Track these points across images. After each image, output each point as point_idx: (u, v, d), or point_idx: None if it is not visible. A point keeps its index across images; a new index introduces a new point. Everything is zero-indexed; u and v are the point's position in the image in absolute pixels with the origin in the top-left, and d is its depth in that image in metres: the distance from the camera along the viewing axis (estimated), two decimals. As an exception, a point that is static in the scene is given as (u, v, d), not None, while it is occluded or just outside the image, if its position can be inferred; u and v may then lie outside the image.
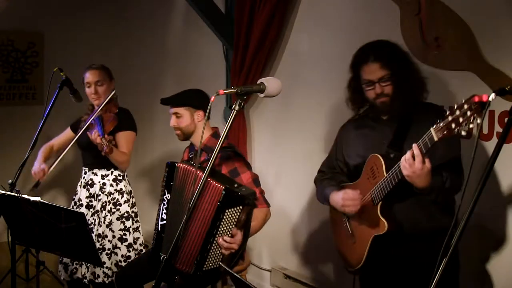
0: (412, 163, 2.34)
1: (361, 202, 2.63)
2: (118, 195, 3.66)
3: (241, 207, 2.74)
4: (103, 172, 3.67)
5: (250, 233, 2.98)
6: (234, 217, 2.74)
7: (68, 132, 3.87)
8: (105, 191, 3.64)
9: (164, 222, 3.00)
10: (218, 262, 2.82)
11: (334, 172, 2.95)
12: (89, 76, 3.64)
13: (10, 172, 3.29)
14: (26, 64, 5.22)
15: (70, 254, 3.18)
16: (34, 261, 3.21)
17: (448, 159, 2.54)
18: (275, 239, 4.30)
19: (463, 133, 2.08)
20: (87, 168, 3.72)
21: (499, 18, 2.97)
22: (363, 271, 2.79)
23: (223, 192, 2.68)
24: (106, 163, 3.60)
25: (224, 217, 2.73)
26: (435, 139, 2.24)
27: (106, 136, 3.39)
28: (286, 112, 4.25)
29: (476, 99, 1.96)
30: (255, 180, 3.07)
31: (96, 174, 3.68)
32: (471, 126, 2.02)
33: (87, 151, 3.66)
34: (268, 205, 3.08)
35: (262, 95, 2.16)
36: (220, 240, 2.72)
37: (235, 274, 2.07)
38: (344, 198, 2.68)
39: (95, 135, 3.38)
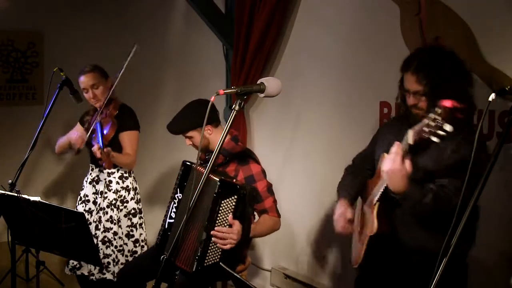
0: (391, 160, 2.30)
1: (351, 230, 2.63)
2: (125, 192, 3.68)
3: (236, 197, 2.81)
4: (110, 169, 3.67)
5: (255, 234, 3.01)
6: (230, 207, 2.81)
7: (78, 127, 3.86)
8: (112, 189, 3.66)
9: (172, 220, 3.04)
10: (218, 256, 2.84)
11: (364, 167, 2.84)
12: (84, 81, 3.61)
13: (10, 172, 3.29)
14: (26, 64, 5.21)
15: (70, 254, 3.19)
16: (34, 261, 3.20)
17: (447, 174, 2.39)
18: (275, 239, 4.30)
19: (435, 139, 2.06)
20: (94, 165, 3.73)
21: (499, 18, 2.97)
22: (361, 272, 2.78)
23: (218, 183, 2.75)
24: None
25: (221, 208, 2.80)
26: (410, 142, 2.21)
27: (105, 149, 3.40)
28: (286, 112, 4.25)
29: (444, 103, 1.98)
30: (270, 188, 3.11)
31: (102, 172, 3.69)
32: (441, 132, 2.02)
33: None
34: (279, 215, 3.11)
35: (262, 95, 2.16)
36: (217, 230, 2.79)
37: (235, 274, 2.07)
38: (336, 216, 2.69)
39: (95, 150, 3.41)
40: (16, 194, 2.84)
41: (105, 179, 3.67)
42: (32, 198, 2.81)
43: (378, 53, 3.58)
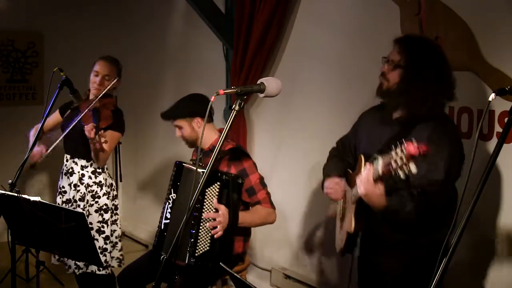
0: (364, 184, 2.34)
1: (341, 192, 2.71)
2: (97, 187, 3.65)
3: (219, 183, 2.88)
4: (83, 162, 3.66)
5: (247, 222, 3.03)
6: (214, 194, 2.88)
7: (56, 115, 3.83)
8: (84, 183, 3.64)
9: (168, 221, 3.05)
10: (208, 243, 2.89)
11: (345, 152, 2.94)
12: (100, 67, 3.64)
13: (10, 172, 3.29)
14: (26, 64, 5.21)
15: (70, 254, 3.18)
16: (34, 261, 3.20)
17: (422, 183, 2.43)
18: (275, 239, 4.30)
19: (402, 175, 2.10)
20: (69, 156, 3.72)
21: (499, 18, 2.97)
22: (358, 257, 2.87)
23: (201, 173, 2.77)
24: (87, 154, 3.60)
25: (206, 197, 2.87)
26: (380, 173, 2.25)
27: (100, 132, 3.38)
28: (286, 112, 4.25)
29: (407, 149, 2.03)
30: (262, 181, 3.14)
31: (76, 164, 3.67)
32: (407, 172, 2.08)
33: (72, 138, 3.62)
34: (273, 207, 3.13)
35: (262, 95, 2.16)
36: (205, 215, 2.86)
37: (235, 274, 2.07)
38: (327, 186, 2.79)
39: (89, 128, 3.37)
40: (16, 194, 2.84)
41: (78, 172, 3.65)
42: (32, 198, 2.81)
43: (378, 53, 3.55)
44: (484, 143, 2.99)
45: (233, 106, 2.14)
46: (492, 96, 1.85)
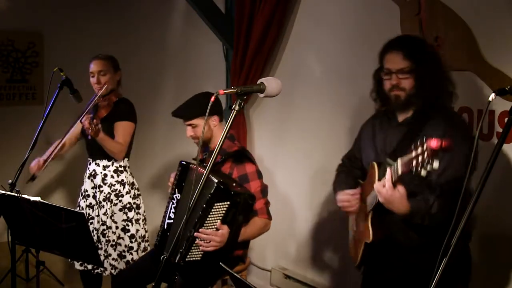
0: (382, 189, 2.30)
1: (356, 203, 2.65)
2: (120, 186, 3.68)
3: (228, 203, 2.80)
4: (105, 162, 3.68)
5: (245, 237, 3.00)
6: (221, 211, 2.81)
7: (78, 125, 3.85)
8: (107, 183, 3.66)
9: (171, 221, 3.03)
10: (200, 255, 2.87)
11: (353, 166, 2.91)
12: (93, 66, 3.68)
13: (10, 172, 3.29)
14: (26, 64, 5.20)
15: (70, 254, 3.18)
16: (34, 261, 3.20)
17: (442, 181, 2.42)
18: (275, 239, 4.30)
19: (423, 172, 2.05)
20: (91, 159, 3.75)
21: (499, 18, 2.97)
22: (363, 272, 2.81)
23: (215, 185, 2.75)
24: (107, 154, 3.61)
25: (212, 210, 2.80)
26: (399, 172, 2.21)
27: (94, 120, 3.40)
28: (286, 112, 4.25)
29: (429, 144, 1.99)
30: (263, 190, 3.08)
31: (98, 165, 3.70)
32: (429, 168, 2.02)
33: (91, 141, 3.65)
34: (269, 217, 3.09)
35: (262, 95, 2.16)
36: (201, 230, 2.80)
37: (235, 274, 2.07)
38: (340, 199, 2.72)
39: (85, 119, 3.40)
40: (16, 194, 2.84)
41: (101, 172, 3.68)
42: (32, 198, 2.81)
43: (378, 53, 3.58)
44: (484, 143, 2.99)
45: (233, 106, 2.14)
46: (492, 96, 1.85)
